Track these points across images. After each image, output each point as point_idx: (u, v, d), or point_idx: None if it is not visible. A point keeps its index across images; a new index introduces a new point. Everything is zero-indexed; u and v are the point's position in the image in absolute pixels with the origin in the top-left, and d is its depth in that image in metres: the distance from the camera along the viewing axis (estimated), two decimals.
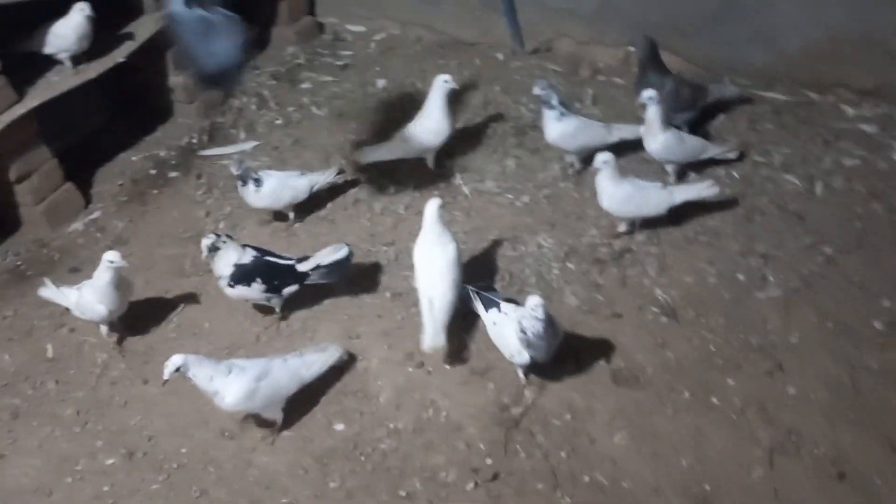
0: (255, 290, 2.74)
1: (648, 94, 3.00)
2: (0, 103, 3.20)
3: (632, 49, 3.49)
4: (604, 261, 2.91)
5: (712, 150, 3.18)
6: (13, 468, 2.47)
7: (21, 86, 3.33)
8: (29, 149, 3.35)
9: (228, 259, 2.72)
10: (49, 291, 2.85)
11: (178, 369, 2.30)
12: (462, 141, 3.59)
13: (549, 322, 2.28)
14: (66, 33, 3.36)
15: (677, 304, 2.69)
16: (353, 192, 3.47)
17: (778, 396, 2.43)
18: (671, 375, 2.47)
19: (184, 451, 2.47)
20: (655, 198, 2.87)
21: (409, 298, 2.86)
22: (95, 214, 3.53)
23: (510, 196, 3.29)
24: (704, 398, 2.40)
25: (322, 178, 3.27)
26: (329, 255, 2.82)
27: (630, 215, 2.94)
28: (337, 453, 2.43)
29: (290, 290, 2.79)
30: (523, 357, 2.35)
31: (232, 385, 2.33)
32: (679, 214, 3.01)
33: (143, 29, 3.72)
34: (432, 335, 2.52)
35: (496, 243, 3.06)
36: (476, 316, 2.63)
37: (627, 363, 2.54)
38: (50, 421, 2.60)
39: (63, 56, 3.44)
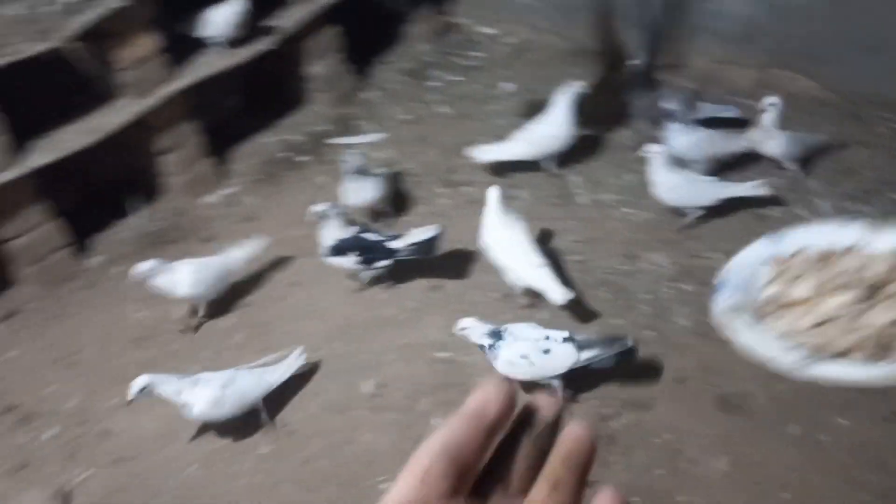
0: (348, 261, 2.96)
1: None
2: (158, 79, 3.47)
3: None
4: None
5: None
6: (142, 415, 2.68)
7: (176, 64, 3.59)
8: (179, 123, 3.61)
9: (332, 232, 2.94)
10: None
11: (142, 389, 2.37)
12: (583, 151, 3.60)
13: None
14: (222, 21, 3.59)
15: None
16: (468, 191, 3.55)
17: (893, 443, 2.33)
18: (781, 408, 2.42)
19: (294, 419, 2.62)
20: (706, 189, 3.03)
21: (518, 300, 2.91)
22: (230, 190, 3.77)
23: (627, 210, 3.28)
24: (814, 435, 2.34)
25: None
26: (421, 234, 2.98)
27: (680, 205, 3.08)
28: None
29: (382, 264, 2.97)
30: None
31: (199, 395, 2.42)
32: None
33: (289, 19, 3.94)
34: (557, 289, 2.63)
35: (609, 256, 3.07)
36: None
37: (736, 390, 2.50)
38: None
39: (217, 40, 3.68)
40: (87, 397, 2.77)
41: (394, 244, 2.96)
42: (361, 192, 3.30)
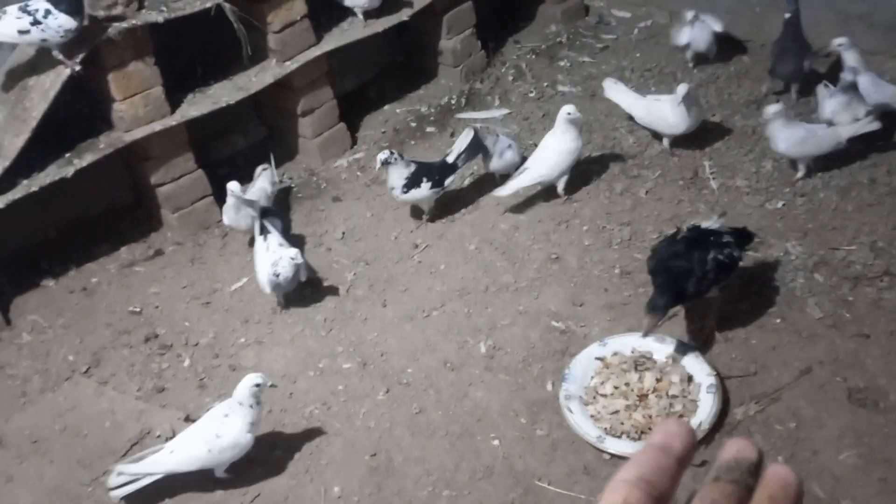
0: (424, 189, 3.24)
1: None
2: (302, 43, 3.62)
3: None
4: (858, 278, 2.73)
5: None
6: (268, 353, 2.84)
7: (320, 30, 3.75)
8: (316, 87, 3.76)
9: (400, 173, 3.22)
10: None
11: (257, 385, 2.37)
12: (718, 135, 3.51)
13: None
14: None
15: None
16: (593, 168, 3.53)
17: None
18: None
19: (409, 371, 2.70)
20: (826, 137, 3.11)
21: (638, 277, 2.88)
22: (359, 155, 3.90)
23: (761, 197, 3.18)
24: None
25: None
26: (461, 142, 3.33)
27: (806, 155, 3.15)
28: (547, 406, 2.53)
29: (450, 179, 3.31)
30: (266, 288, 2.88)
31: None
32: None
33: None
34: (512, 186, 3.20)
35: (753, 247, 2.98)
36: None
37: (868, 385, 2.39)
38: (302, 321, 2.95)
39: (358, 9, 3.81)
40: (219, 334, 2.95)
41: (449, 159, 3.32)
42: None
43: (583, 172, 3.51)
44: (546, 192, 3.41)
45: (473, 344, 2.78)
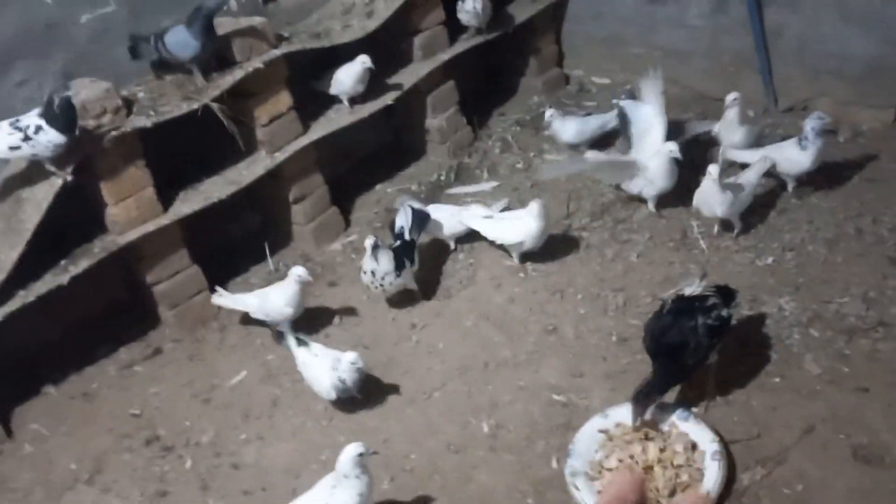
0: (409, 269, 3.36)
1: None
2: (290, 134, 3.72)
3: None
4: (853, 331, 2.73)
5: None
6: (270, 449, 2.82)
7: (306, 120, 3.85)
8: (307, 175, 3.84)
9: (388, 257, 3.27)
10: (223, 299, 3.35)
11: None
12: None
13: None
14: (347, 78, 3.83)
15: None
16: (585, 236, 3.57)
17: None
18: None
19: (413, 456, 2.68)
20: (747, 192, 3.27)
21: (635, 344, 2.88)
22: (353, 237, 3.95)
23: (751, 254, 3.20)
24: None
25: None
26: (404, 219, 3.49)
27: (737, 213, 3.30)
28: (553, 484, 2.51)
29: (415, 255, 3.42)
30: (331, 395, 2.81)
31: None
32: None
33: (409, 76, 4.14)
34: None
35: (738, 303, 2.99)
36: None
37: (872, 440, 2.36)
38: (303, 412, 2.94)
39: (343, 97, 3.92)
40: (220, 432, 2.94)
41: (407, 236, 3.45)
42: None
43: (574, 240, 3.56)
44: (541, 261, 3.44)
45: (476, 424, 2.77)
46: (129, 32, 3.34)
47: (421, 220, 3.54)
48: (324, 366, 2.84)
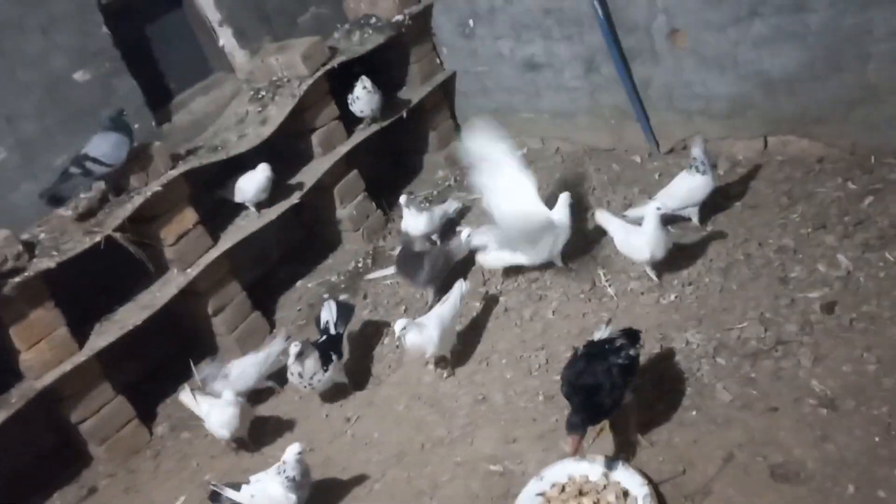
0: (338, 365, 3.39)
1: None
2: (199, 248, 3.76)
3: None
4: (755, 354, 2.89)
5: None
6: None
7: (215, 231, 3.90)
8: (223, 285, 3.87)
9: (314, 357, 3.30)
10: (187, 398, 3.30)
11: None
12: (605, 244, 3.73)
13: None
14: (249, 187, 3.92)
15: (836, 395, 2.61)
16: (502, 300, 3.69)
17: None
18: (834, 469, 2.38)
19: None
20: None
21: (561, 400, 2.96)
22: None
23: (655, 294, 3.36)
24: (871, 492, 2.29)
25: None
26: (329, 314, 3.56)
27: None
28: None
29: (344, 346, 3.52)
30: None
31: None
32: (830, 303, 2.95)
33: (312, 172, 4.26)
34: None
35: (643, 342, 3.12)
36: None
37: (787, 458, 2.48)
38: None
39: (249, 203, 4.00)
40: None
41: (332, 331, 3.51)
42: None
43: (489, 304, 3.66)
44: (465, 331, 3.53)
45: None
46: (45, 188, 3.35)
47: (346, 312, 3.60)
48: (273, 482, 2.76)
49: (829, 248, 3.22)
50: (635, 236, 3.34)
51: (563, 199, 3.61)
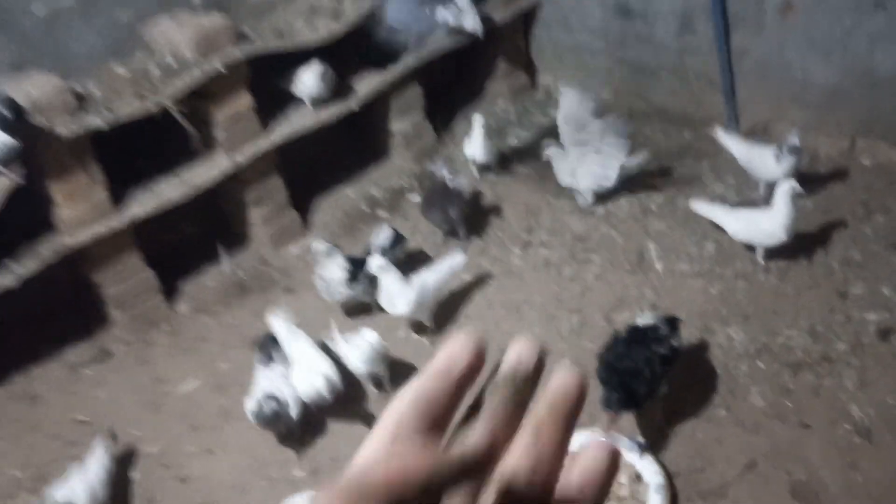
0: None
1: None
2: (249, 136, 3.65)
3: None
4: (798, 365, 2.79)
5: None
6: (218, 464, 2.79)
7: (267, 121, 3.78)
8: (266, 177, 3.78)
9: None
10: (278, 320, 2.94)
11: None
12: (661, 217, 3.59)
13: None
14: (309, 81, 3.76)
15: (873, 424, 2.53)
16: (544, 253, 3.58)
17: None
18: (855, 499, 2.33)
19: None
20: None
21: (589, 370, 2.90)
22: (311, 241, 3.90)
23: (703, 280, 3.25)
24: None
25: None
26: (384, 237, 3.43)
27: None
28: None
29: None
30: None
31: None
32: (887, 329, 2.83)
33: (376, 80, 4.08)
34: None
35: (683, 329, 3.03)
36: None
37: (810, 478, 2.42)
38: (253, 426, 2.90)
39: (307, 99, 3.85)
40: (168, 443, 2.90)
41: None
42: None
43: (532, 257, 3.56)
44: (499, 281, 3.45)
45: None
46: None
47: (397, 240, 3.49)
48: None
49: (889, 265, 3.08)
50: (767, 220, 3.12)
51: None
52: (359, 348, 2.81)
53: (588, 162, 3.69)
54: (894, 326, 2.85)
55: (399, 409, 0.45)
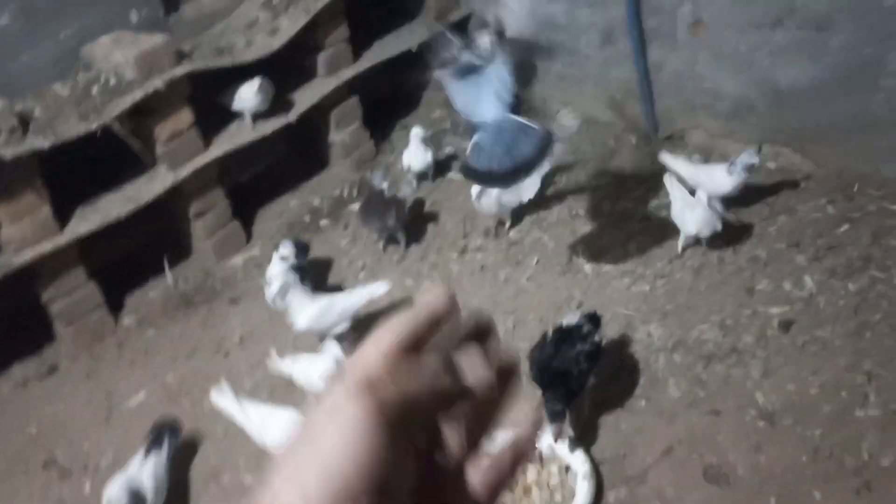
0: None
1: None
2: (191, 150, 3.75)
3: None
4: (710, 357, 3.05)
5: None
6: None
7: (208, 135, 3.87)
8: (208, 190, 3.88)
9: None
10: (223, 399, 2.89)
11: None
12: (588, 221, 3.82)
13: None
14: (249, 96, 3.88)
15: (776, 410, 2.80)
16: (479, 258, 3.78)
17: None
18: (761, 479, 2.59)
19: None
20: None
21: (522, 366, 3.12)
22: (254, 251, 4.02)
23: (627, 280, 3.49)
24: None
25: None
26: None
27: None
28: None
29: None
30: None
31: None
32: (788, 321, 3.12)
33: (313, 92, 4.22)
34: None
35: (607, 327, 3.26)
36: None
37: (720, 460, 2.68)
38: (205, 434, 3.03)
39: (246, 112, 3.97)
40: (120, 454, 2.99)
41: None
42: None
43: (469, 262, 3.76)
44: (443, 282, 3.63)
45: None
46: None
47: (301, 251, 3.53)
48: None
49: (798, 267, 3.37)
50: (720, 172, 3.48)
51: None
52: (322, 365, 2.87)
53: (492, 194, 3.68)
54: (794, 319, 3.14)
55: (394, 334, 0.52)
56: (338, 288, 3.73)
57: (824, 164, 3.84)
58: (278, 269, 3.27)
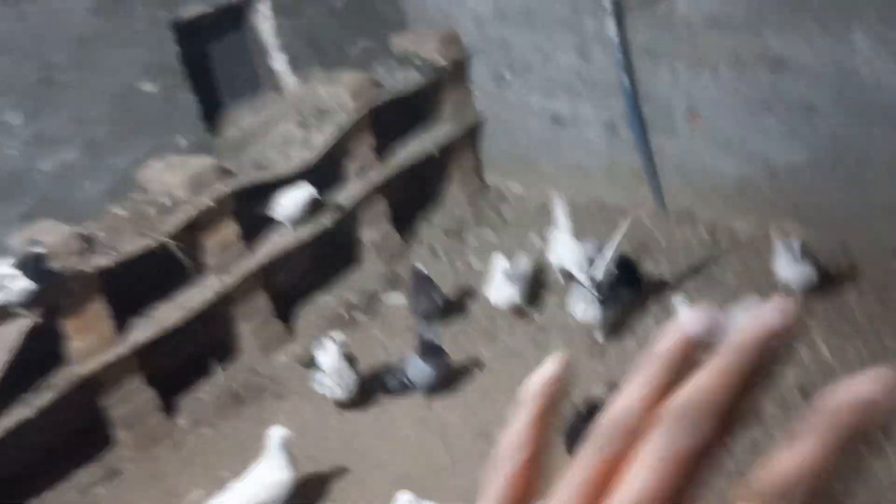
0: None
1: None
2: (237, 258, 4.06)
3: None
4: None
5: None
6: None
7: (252, 243, 4.19)
8: (253, 293, 4.17)
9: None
10: None
11: None
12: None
13: None
14: (290, 205, 4.21)
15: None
16: (506, 339, 4.01)
17: None
18: None
19: None
20: None
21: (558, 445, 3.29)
22: (296, 348, 4.27)
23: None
24: None
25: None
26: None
27: None
28: None
29: None
30: None
31: None
32: None
33: (344, 195, 4.56)
34: None
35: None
36: None
37: None
38: None
39: (286, 221, 4.29)
40: None
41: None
42: None
43: (495, 345, 3.98)
44: (474, 368, 3.85)
45: None
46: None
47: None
48: None
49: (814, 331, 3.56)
50: None
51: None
52: None
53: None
54: None
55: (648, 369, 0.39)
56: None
57: (817, 242, 3.93)
58: (333, 355, 3.54)
